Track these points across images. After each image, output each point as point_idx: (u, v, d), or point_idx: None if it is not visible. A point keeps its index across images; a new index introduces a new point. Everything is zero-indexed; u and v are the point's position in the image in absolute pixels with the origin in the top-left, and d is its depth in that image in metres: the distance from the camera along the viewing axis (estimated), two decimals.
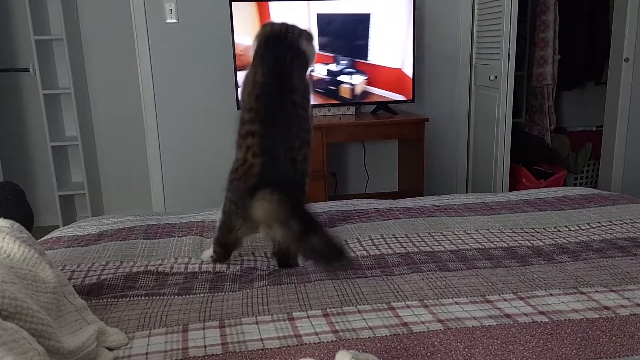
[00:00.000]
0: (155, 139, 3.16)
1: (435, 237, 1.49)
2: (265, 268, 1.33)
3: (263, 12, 2.83)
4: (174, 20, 3.03)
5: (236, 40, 2.83)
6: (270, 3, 2.83)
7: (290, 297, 1.16)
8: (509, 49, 2.96)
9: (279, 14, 2.85)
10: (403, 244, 1.45)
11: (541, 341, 0.96)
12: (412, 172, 3.14)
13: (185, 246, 1.45)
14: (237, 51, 2.84)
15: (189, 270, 1.30)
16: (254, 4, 2.82)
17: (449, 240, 1.47)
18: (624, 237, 1.42)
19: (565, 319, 1.02)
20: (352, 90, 3.03)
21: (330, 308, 1.10)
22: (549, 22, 3.48)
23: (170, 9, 3.01)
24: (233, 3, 2.79)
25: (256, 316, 1.08)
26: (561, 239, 1.43)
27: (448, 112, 3.46)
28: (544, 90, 3.59)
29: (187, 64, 3.11)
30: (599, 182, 3.51)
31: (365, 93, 3.05)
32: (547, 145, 3.59)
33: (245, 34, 2.83)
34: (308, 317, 1.07)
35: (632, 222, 1.52)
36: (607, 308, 1.05)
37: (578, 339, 0.96)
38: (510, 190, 3.24)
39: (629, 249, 1.33)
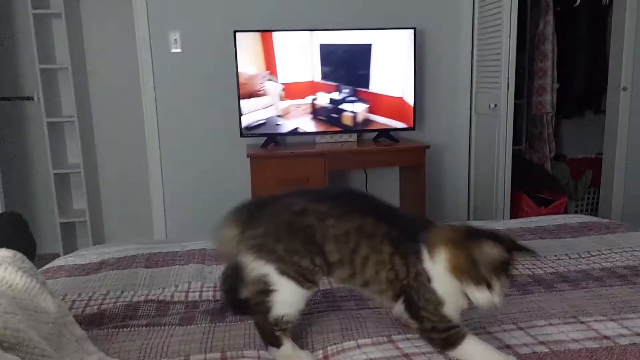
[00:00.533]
0: (157, 167, 3.19)
1: None
2: None
3: (267, 42, 2.89)
4: (179, 50, 3.09)
5: (240, 69, 2.88)
6: (274, 33, 2.89)
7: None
8: (508, 77, 3.01)
9: (282, 44, 2.91)
10: None
11: None
12: (414, 198, 3.15)
13: (186, 274, 1.46)
14: (240, 80, 2.89)
15: (189, 299, 1.31)
16: (257, 34, 2.88)
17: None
18: (623, 265, 1.42)
19: (565, 349, 1.02)
20: (354, 117, 3.07)
21: (330, 346, 1.09)
22: (547, 52, 3.54)
23: (175, 39, 3.07)
24: (237, 33, 2.85)
25: (258, 349, 1.08)
26: (561, 267, 1.43)
27: (449, 140, 3.49)
28: (544, 119, 3.63)
29: (191, 93, 3.16)
30: (599, 209, 3.52)
31: (367, 121, 3.09)
32: (548, 173, 3.61)
33: (249, 63, 2.88)
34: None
35: (631, 251, 1.52)
36: (606, 337, 1.05)
37: None
38: (511, 217, 3.25)
39: (628, 278, 1.33)
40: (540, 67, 3.57)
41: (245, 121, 2.94)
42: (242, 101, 2.89)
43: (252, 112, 2.94)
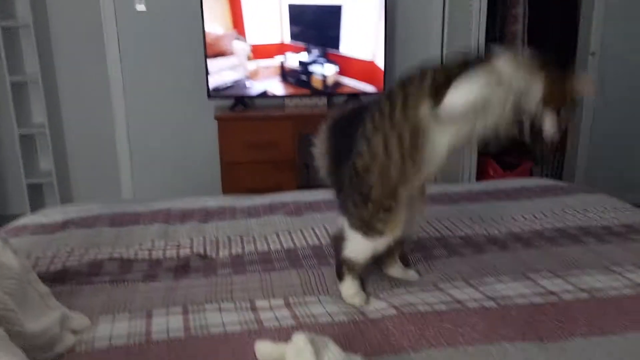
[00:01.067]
0: (124, 127, 3.14)
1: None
2: (227, 255, 1.36)
3: (234, 2, 2.83)
4: (143, 8, 3.00)
5: (206, 28, 2.82)
6: None
7: (254, 285, 1.19)
8: (478, 40, 3.02)
9: (250, 3, 2.85)
10: None
11: (488, 325, 1.01)
12: None
13: (150, 233, 1.47)
14: (207, 40, 2.83)
15: (153, 257, 1.33)
16: None
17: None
18: (574, 225, 1.49)
19: (512, 304, 1.08)
20: (324, 80, 3.06)
21: (292, 297, 1.14)
22: (519, 15, 3.56)
23: None
24: None
25: (219, 302, 1.11)
26: (516, 228, 1.49)
27: None
28: None
29: (157, 53, 3.09)
30: (563, 173, 3.62)
31: (337, 83, 3.08)
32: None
33: (216, 22, 2.82)
34: (270, 306, 1.10)
35: (584, 212, 1.59)
36: (552, 293, 1.12)
37: (523, 322, 1.02)
38: (477, 180, 3.32)
39: (579, 237, 1.40)
40: (512, 30, 3.59)
41: (213, 83, 2.89)
42: (209, 61, 2.84)
43: (220, 72, 2.89)
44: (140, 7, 2.99)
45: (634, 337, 0.96)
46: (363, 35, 3.03)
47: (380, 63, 3.09)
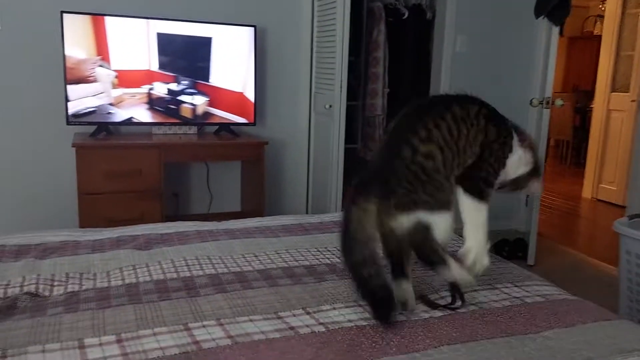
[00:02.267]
0: None
1: (247, 257, 1.58)
2: (62, 293, 1.30)
3: (98, 26, 2.75)
4: None
5: (67, 52, 2.70)
6: (106, 18, 2.76)
7: (85, 323, 1.15)
8: (342, 81, 3.23)
9: (116, 29, 2.78)
10: (215, 265, 1.52)
11: (314, 349, 1.08)
12: (255, 192, 3.24)
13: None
14: (68, 64, 2.71)
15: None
16: (88, 17, 2.72)
17: (259, 260, 1.57)
18: None
19: (339, 328, 1.17)
20: (194, 110, 3.06)
21: (125, 333, 1.12)
22: (380, 58, 3.86)
23: None
24: (64, 14, 2.67)
25: (44, 344, 1.06)
26: None
27: (290, 136, 3.64)
28: (376, 120, 3.95)
29: (11, 75, 2.89)
30: None
31: (207, 114, 3.10)
32: None
33: (78, 46, 2.72)
34: (100, 343, 1.08)
35: None
36: None
37: (345, 345, 1.10)
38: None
39: None
40: (373, 72, 3.88)
41: (73, 108, 2.77)
42: (69, 87, 2.72)
43: (81, 98, 2.78)
44: None
45: (433, 352, 1.08)
46: (233, 67, 3.09)
47: (250, 95, 3.17)
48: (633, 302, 2.25)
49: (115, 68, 2.82)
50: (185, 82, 3.00)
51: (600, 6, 6.94)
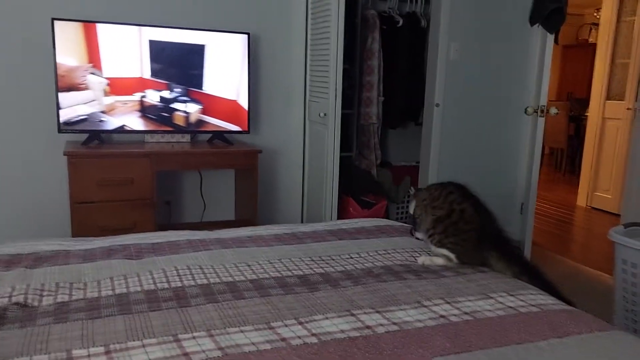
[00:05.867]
0: None
1: (240, 267, 1.57)
2: (51, 303, 1.28)
3: (90, 34, 2.74)
4: None
5: (58, 60, 2.69)
6: (98, 25, 2.75)
7: (75, 333, 1.13)
8: (336, 89, 3.22)
9: (107, 37, 2.78)
10: (207, 274, 1.50)
11: None
12: (248, 201, 3.22)
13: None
14: (59, 71, 2.70)
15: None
16: (79, 24, 2.71)
17: (251, 270, 1.55)
18: (400, 263, 1.62)
19: (331, 339, 1.15)
20: (187, 118, 3.05)
21: (114, 344, 1.10)
22: (374, 66, 3.86)
23: None
24: (56, 21, 2.66)
25: (32, 355, 1.04)
26: (349, 266, 1.59)
27: (284, 145, 3.63)
28: (371, 129, 3.95)
29: (3, 82, 2.87)
30: None
31: (200, 122, 3.09)
32: (373, 178, 3.93)
33: (69, 54, 2.70)
34: (88, 355, 1.06)
35: (411, 251, 1.74)
36: (368, 327, 1.20)
37: (337, 357, 1.08)
38: (339, 218, 3.48)
39: (401, 274, 1.53)
40: (368, 80, 3.88)
41: (64, 116, 2.75)
42: (60, 94, 2.70)
43: (73, 106, 2.76)
44: None
45: None
46: (227, 75, 3.09)
47: (244, 103, 3.16)
48: (629, 312, 2.24)
49: (107, 75, 2.80)
50: (178, 90, 2.99)
51: (595, 14, 6.99)
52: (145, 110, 2.92)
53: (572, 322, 1.27)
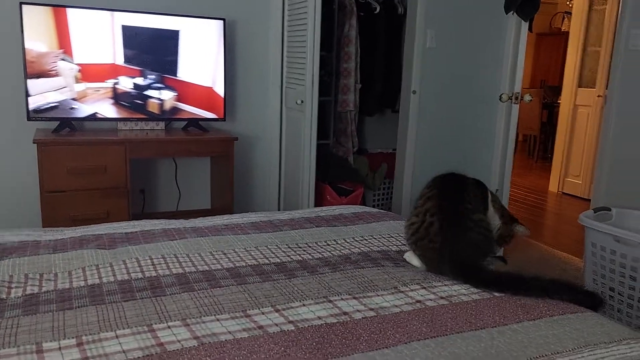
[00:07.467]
0: None
1: (216, 255, 1.55)
2: (20, 295, 1.25)
3: (60, 18, 2.66)
4: None
5: (27, 45, 2.61)
6: (68, 10, 2.67)
7: (45, 325, 1.11)
8: (313, 76, 3.20)
9: (78, 22, 2.70)
10: (182, 263, 1.48)
11: (282, 348, 1.06)
12: (224, 189, 3.19)
13: None
14: (28, 57, 2.62)
15: None
16: (49, 9, 2.63)
17: (228, 258, 1.53)
18: (377, 250, 1.63)
19: (308, 326, 1.15)
20: (161, 105, 2.99)
21: (86, 335, 1.08)
22: (351, 53, 3.84)
23: None
24: (24, 5, 2.57)
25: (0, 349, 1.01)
26: (327, 253, 1.59)
27: (261, 132, 3.60)
28: (348, 116, 3.94)
29: None
30: (392, 198, 3.95)
31: (175, 109, 3.03)
32: (350, 165, 3.93)
33: (38, 39, 2.62)
34: (59, 347, 1.03)
35: (388, 237, 1.75)
36: (345, 313, 1.20)
37: (314, 343, 1.08)
38: (316, 205, 3.48)
39: (379, 261, 1.53)
40: (345, 67, 3.86)
41: (34, 103, 2.67)
42: (29, 81, 2.62)
43: (43, 93, 2.68)
44: None
45: (403, 348, 1.07)
46: (202, 61, 3.04)
47: (219, 89, 3.12)
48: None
49: (78, 62, 2.73)
50: (152, 77, 2.93)
51: (568, 3, 7.09)
52: (118, 97, 2.86)
53: (544, 304, 1.30)
